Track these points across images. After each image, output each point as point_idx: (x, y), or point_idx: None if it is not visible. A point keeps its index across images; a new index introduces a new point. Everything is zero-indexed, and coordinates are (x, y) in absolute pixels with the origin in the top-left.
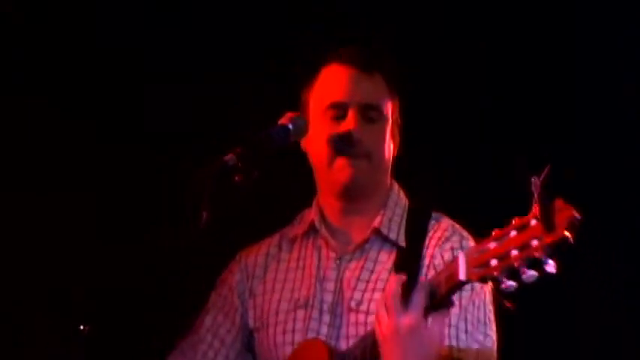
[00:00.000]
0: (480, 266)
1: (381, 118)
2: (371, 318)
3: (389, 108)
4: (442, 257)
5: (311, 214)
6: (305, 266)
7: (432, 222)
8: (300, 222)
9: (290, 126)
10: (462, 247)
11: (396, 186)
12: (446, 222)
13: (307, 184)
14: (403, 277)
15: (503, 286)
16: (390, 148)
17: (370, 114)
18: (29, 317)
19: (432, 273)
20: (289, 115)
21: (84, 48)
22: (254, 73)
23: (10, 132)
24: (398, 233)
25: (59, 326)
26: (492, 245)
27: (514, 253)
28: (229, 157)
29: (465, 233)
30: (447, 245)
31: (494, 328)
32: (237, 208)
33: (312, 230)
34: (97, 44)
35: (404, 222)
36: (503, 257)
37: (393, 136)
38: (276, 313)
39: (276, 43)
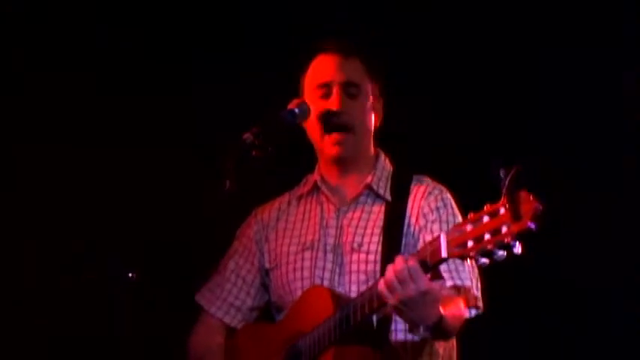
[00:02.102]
0: (458, 246)
1: (361, 94)
2: (370, 256)
3: (368, 87)
4: (429, 207)
5: (314, 176)
6: (310, 217)
7: (414, 181)
8: (305, 183)
9: (297, 110)
10: (442, 199)
11: (382, 154)
12: (426, 180)
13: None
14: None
15: (478, 263)
16: (372, 120)
17: (351, 90)
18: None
19: (421, 220)
20: (296, 101)
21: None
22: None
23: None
24: (385, 190)
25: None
26: (469, 228)
27: (487, 237)
28: (247, 136)
29: (443, 187)
30: (431, 197)
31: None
32: (255, 176)
33: (315, 189)
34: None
35: (389, 182)
36: (478, 240)
37: (375, 111)
38: (288, 255)
39: (277, 43)
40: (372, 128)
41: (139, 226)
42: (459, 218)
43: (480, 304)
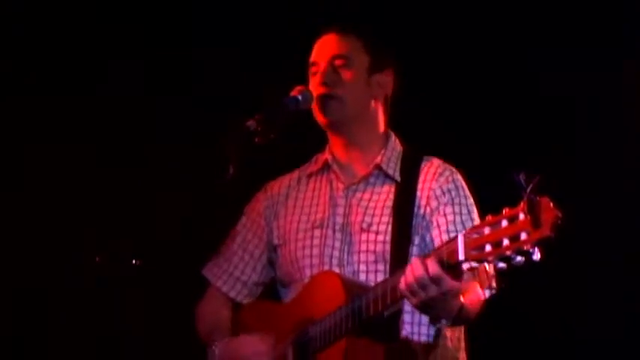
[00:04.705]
0: (476, 249)
1: (351, 65)
2: (380, 237)
3: (363, 60)
4: (441, 189)
5: (324, 155)
6: (320, 195)
7: (424, 161)
8: (315, 162)
9: (299, 97)
10: (453, 180)
11: (392, 134)
12: (436, 160)
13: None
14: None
15: (496, 267)
16: (366, 92)
17: (337, 62)
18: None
19: (432, 202)
20: (298, 87)
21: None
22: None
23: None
24: (395, 170)
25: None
26: (487, 230)
27: (506, 242)
28: (250, 123)
29: (454, 168)
30: (442, 178)
31: None
32: (258, 162)
33: (325, 167)
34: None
35: (399, 162)
36: (496, 244)
37: (372, 85)
38: (297, 232)
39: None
40: (371, 102)
41: (144, 214)
42: (471, 200)
43: (494, 283)
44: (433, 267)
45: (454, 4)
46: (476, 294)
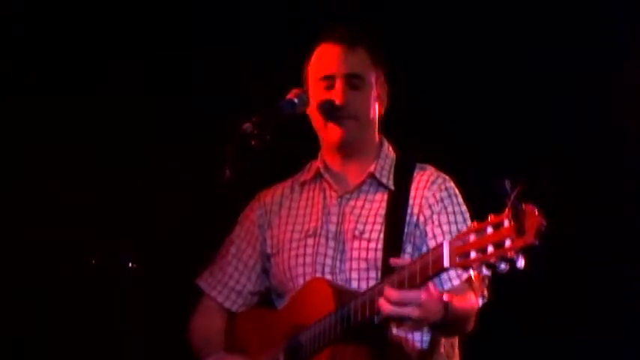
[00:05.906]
0: (461, 255)
1: (364, 85)
2: (372, 244)
3: (372, 76)
4: (434, 197)
5: (317, 163)
6: (313, 204)
7: (417, 169)
8: (308, 170)
9: (295, 100)
10: (446, 188)
11: (385, 142)
12: (430, 168)
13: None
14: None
15: (480, 274)
16: (375, 109)
17: (354, 82)
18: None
19: (426, 211)
20: (295, 90)
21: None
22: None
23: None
24: (388, 178)
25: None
26: (472, 238)
27: (490, 249)
28: (247, 126)
29: (447, 176)
30: (435, 187)
31: None
32: (255, 165)
33: (318, 176)
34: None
35: (393, 170)
36: (481, 251)
37: (379, 99)
38: (290, 241)
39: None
40: (376, 117)
41: (143, 214)
42: (464, 207)
43: (485, 292)
44: (390, 293)
45: (454, 3)
46: (471, 302)
